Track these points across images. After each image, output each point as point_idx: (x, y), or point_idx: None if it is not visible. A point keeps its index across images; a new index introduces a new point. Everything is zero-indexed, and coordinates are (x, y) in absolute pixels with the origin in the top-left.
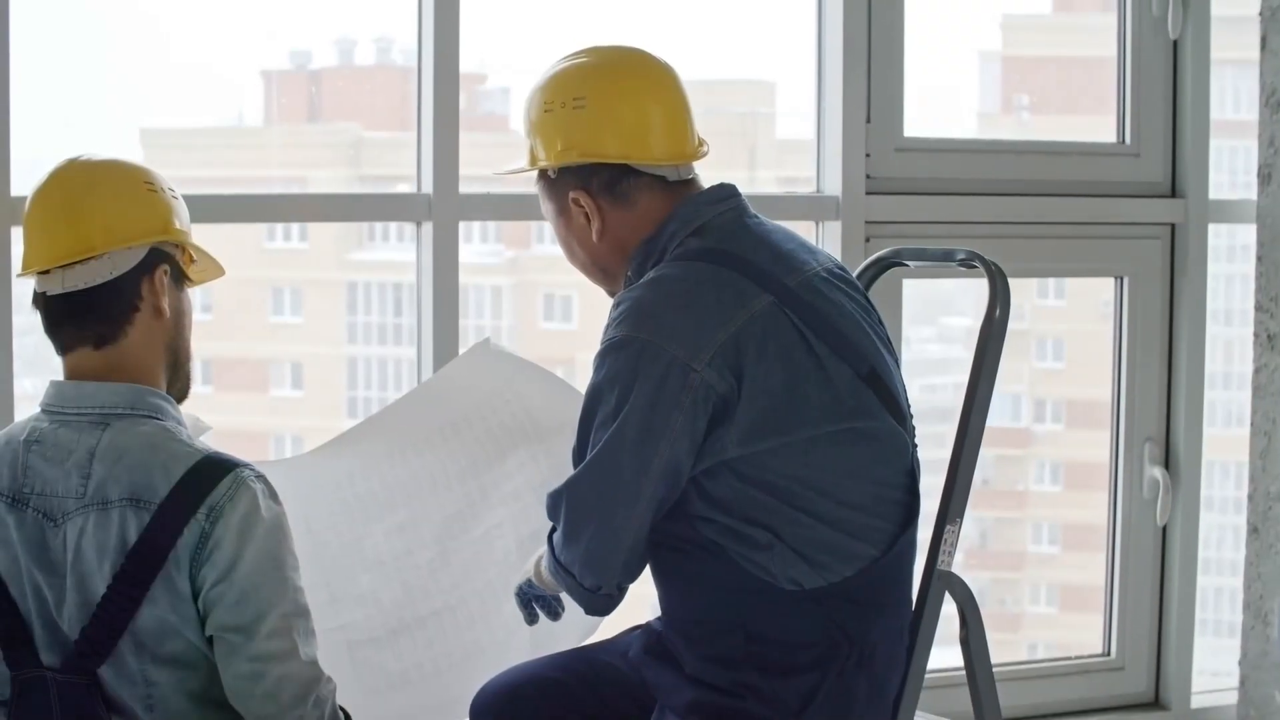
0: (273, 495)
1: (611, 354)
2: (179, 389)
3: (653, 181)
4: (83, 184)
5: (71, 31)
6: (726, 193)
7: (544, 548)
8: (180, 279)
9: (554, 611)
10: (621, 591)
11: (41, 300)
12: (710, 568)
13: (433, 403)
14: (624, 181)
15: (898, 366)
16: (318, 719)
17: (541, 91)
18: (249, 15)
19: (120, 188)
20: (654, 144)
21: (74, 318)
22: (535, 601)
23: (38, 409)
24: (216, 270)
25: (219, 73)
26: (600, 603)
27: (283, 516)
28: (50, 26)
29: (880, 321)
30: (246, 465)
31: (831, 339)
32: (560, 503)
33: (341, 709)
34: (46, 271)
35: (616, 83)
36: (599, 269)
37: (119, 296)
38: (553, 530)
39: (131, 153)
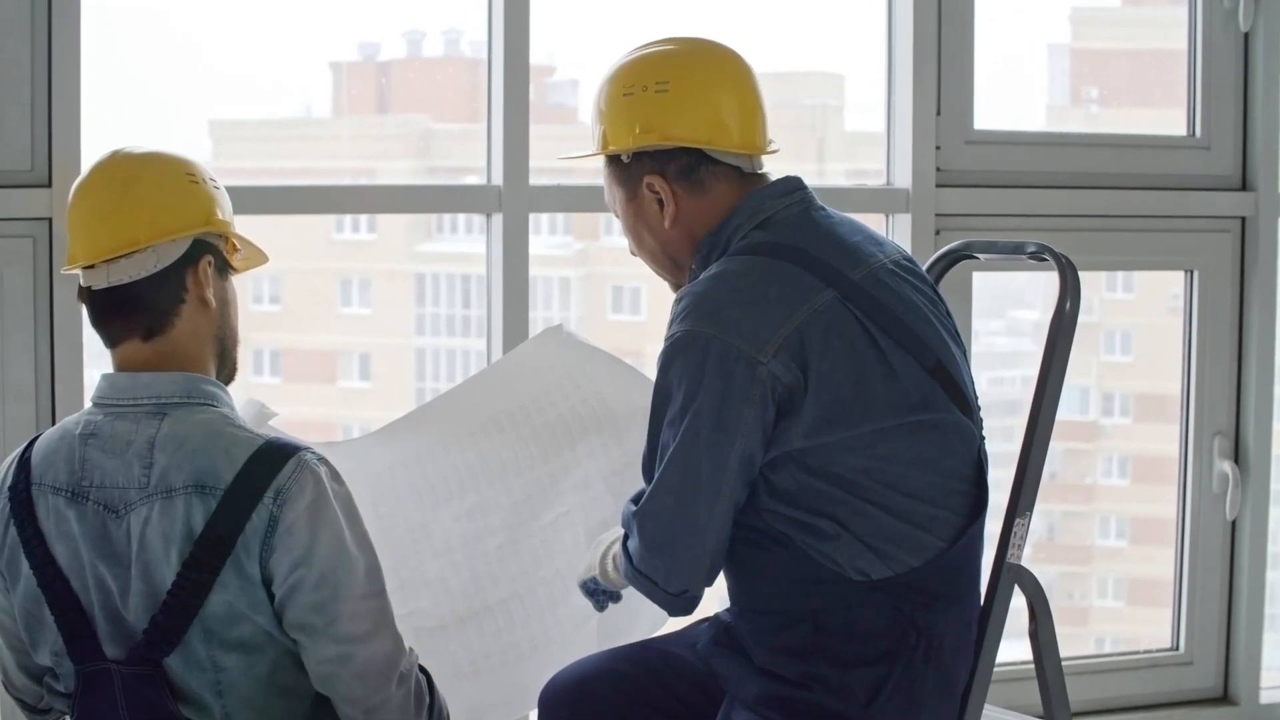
0: (336, 477)
1: (677, 351)
2: (226, 374)
3: (728, 171)
4: (124, 178)
5: (141, 23)
6: (792, 185)
7: (608, 545)
8: (225, 268)
9: (616, 598)
10: (703, 591)
11: (86, 295)
12: (778, 557)
13: (502, 385)
14: (701, 168)
15: (966, 358)
16: (405, 694)
17: (621, 76)
18: (318, 7)
19: (162, 180)
20: (733, 132)
21: (120, 311)
22: (600, 595)
23: (88, 403)
24: (260, 258)
25: (288, 64)
26: (684, 604)
27: (349, 497)
28: (120, 19)
29: (948, 313)
30: (308, 448)
31: (896, 332)
32: (638, 519)
33: (422, 669)
34: (91, 266)
35: (700, 69)
36: (668, 257)
37: (164, 289)
38: (626, 538)
39: (200, 144)
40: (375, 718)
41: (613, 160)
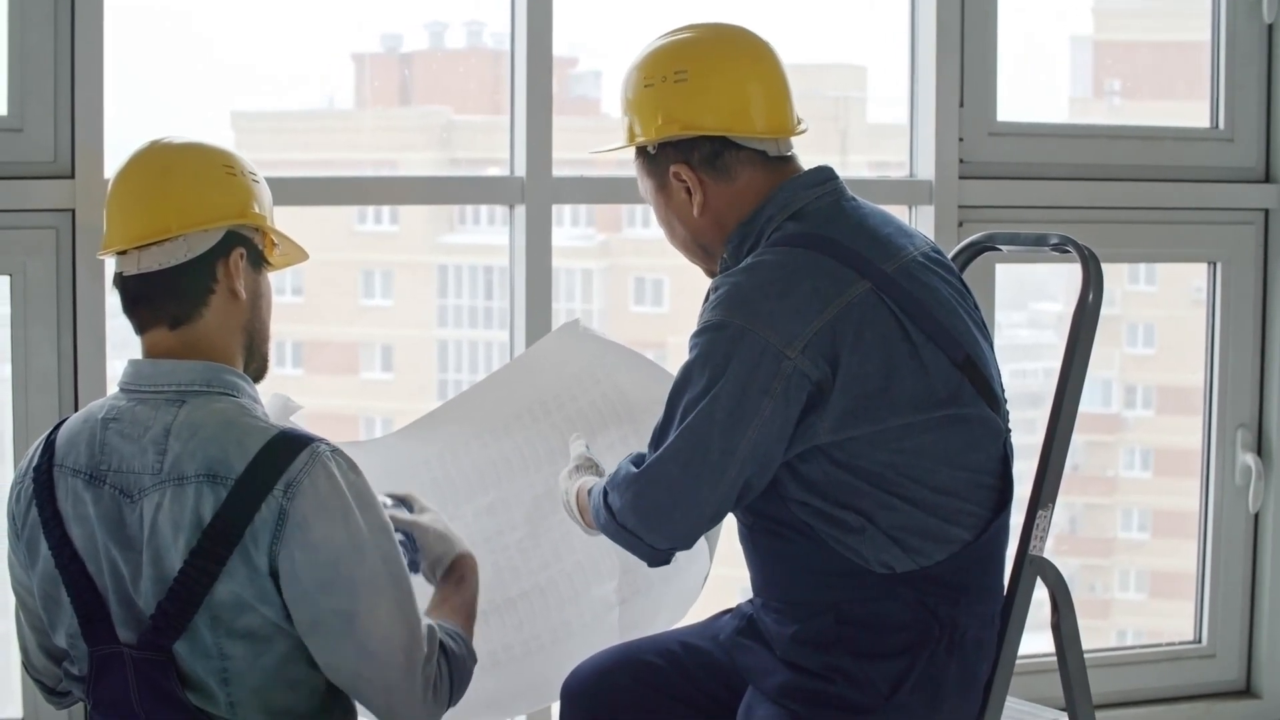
0: (352, 468)
1: (706, 337)
2: (255, 369)
3: (753, 156)
4: (161, 167)
5: (164, 15)
6: (824, 176)
7: (571, 491)
8: (259, 262)
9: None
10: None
11: (119, 280)
12: (802, 549)
13: (521, 382)
14: (725, 155)
15: (993, 351)
16: (425, 680)
17: (641, 67)
18: None
19: (198, 170)
20: (755, 117)
21: (149, 298)
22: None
23: (116, 388)
24: (299, 254)
25: (310, 56)
26: (665, 558)
27: (364, 487)
28: (143, 11)
29: (976, 306)
30: (322, 440)
31: (928, 326)
32: (636, 482)
33: (437, 628)
34: (124, 252)
35: (718, 56)
36: (700, 246)
37: (194, 278)
38: (607, 495)
39: (222, 135)
40: (394, 698)
41: (641, 151)
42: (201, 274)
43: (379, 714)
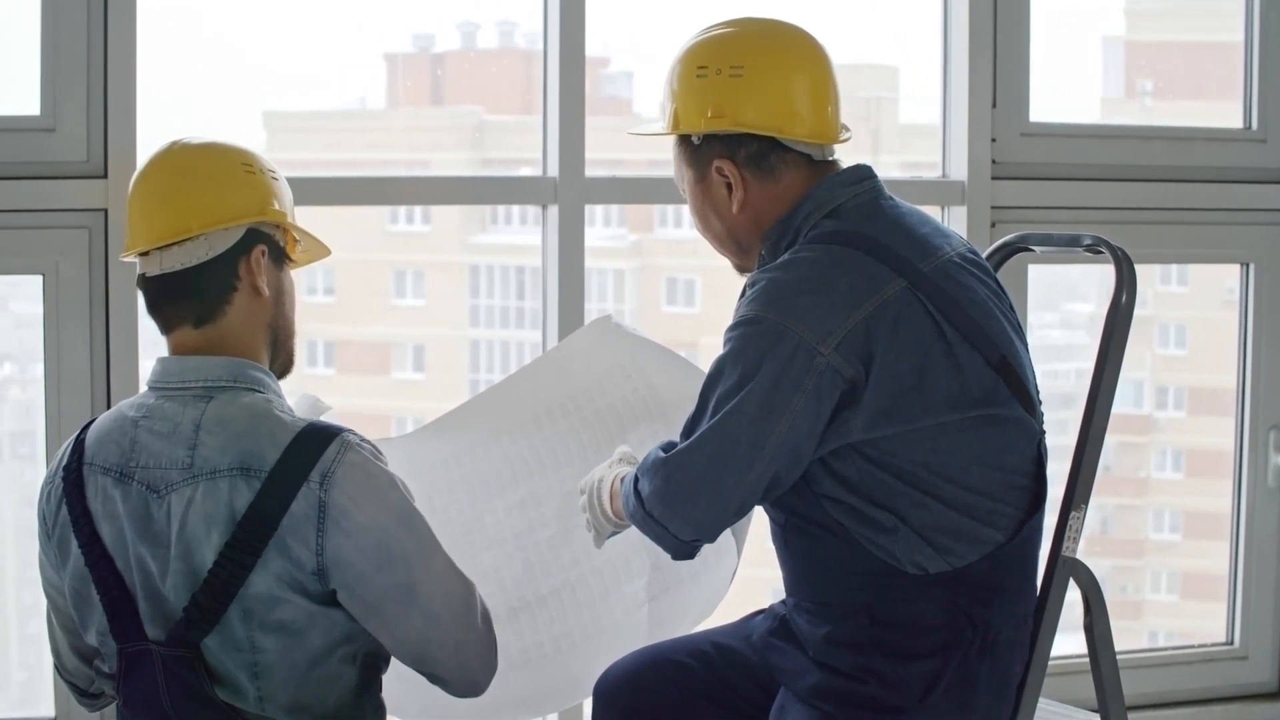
0: (378, 454)
1: (740, 331)
2: (280, 365)
3: (799, 158)
4: (180, 167)
5: (197, 15)
6: (862, 174)
7: (607, 478)
8: (281, 259)
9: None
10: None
11: (142, 281)
12: (835, 550)
13: (552, 377)
14: (771, 155)
15: (1027, 352)
16: (484, 626)
17: (695, 54)
18: None
19: (217, 170)
20: (806, 120)
21: (172, 298)
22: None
23: (145, 387)
24: (321, 251)
25: (342, 56)
26: (690, 551)
27: (393, 473)
28: (175, 10)
29: (1011, 307)
30: (350, 430)
31: (963, 326)
32: (665, 467)
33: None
34: (147, 253)
35: (776, 55)
36: (734, 241)
37: (216, 277)
38: (637, 481)
39: (255, 135)
40: (465, 652)
41: (683, 140)
42: (223, 272)
43: (451, 674)
